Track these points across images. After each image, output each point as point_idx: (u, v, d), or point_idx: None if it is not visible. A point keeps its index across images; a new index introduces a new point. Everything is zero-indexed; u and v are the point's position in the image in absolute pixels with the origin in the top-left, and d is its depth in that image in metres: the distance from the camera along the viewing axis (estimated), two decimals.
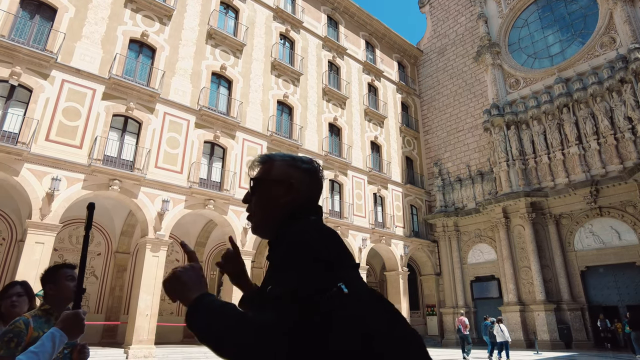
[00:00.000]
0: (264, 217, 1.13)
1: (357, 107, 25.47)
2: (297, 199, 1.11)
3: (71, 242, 17.33)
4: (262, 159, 1.19)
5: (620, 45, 20.92)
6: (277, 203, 1.11)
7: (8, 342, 1.90)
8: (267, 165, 1.16)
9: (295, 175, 1.13)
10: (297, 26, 23.68)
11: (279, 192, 1.11)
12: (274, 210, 1.11)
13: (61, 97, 14.16)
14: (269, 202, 1.12)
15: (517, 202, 21.61)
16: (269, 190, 1.12)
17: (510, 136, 23.10)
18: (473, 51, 27.58)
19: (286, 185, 1.11)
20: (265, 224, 1.14)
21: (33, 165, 13.02)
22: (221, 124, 18.14)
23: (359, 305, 0.90)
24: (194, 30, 18.77)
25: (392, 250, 23.56)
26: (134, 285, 15.47)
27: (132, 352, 13.67)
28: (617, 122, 19.65)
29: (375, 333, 0.87)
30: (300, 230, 0.99)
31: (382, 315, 0.93)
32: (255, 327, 0.84)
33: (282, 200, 1.11)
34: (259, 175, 1.16)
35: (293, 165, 1.15)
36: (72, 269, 2.30)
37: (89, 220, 1.68)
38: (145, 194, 15.22)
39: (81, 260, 1.70)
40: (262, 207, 1.13)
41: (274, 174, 1.14)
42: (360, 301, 0.91)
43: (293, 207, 1.11)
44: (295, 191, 1.11)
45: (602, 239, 19.77)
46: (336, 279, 0.91)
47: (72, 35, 14.99)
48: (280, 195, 1.11)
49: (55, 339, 1.59)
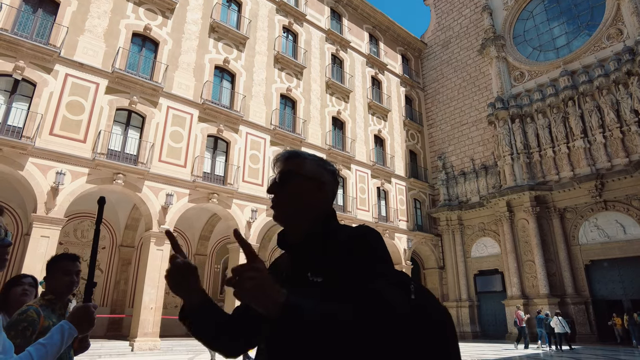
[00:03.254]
0: (293, 211, 1.16)
1: (360, 101, 25.36)
2: (327, 199, 1.18)
3: (76, 235, 17.44)
4: (293, 154, 1.21)
5: (627, 37, 20.65)
6: (309, 200, 1.15)
7: (23, 330, 1.89)
8: (299, 160, 1.19)
9: (325, 175, 1.18)
10: (300, 19, 23.54)
11: (311, 189, 1.16)
12: (307, 207, 1.15)
13: (65, 91, 14.18)
14: (300, 197, 1.15)
15: (521, 196, 21.52)
16: (300, 185, 1.15)
17: (515, 129, 22.95)
18: (477, 44, 27.33)
19: (318, 183, 1.16)
20: (294, 218, 1.16)
21: (37, 159, 13.08)
22: (224, 118, 18.12)
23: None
24: (196, 24, 18.69)
25: (396, 244, 23.57)
26: (139, 279, 15.59)
27: (137, 344, 13.81)
28: (623, 115, 19.46)
29: (435, 309, 1.05)
30: (367, 227, 1.11)
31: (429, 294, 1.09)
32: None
33: (314, 197, 1.16)
34: (292, 168, 1.18)
35: (322, 166, 1.20)
36: (73, 261, 2.23)
37: (100, 215, 1.67)
38: (149, 187, 15.27)
39: (92, 255, 1.68)
40: (293, 200, 1.15)
41: (307, 170, 1.17)
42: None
43: (327, 206, 1.18)
44: (324, 191, 1.17)
45: (607, 232, 19.67)
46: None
47: (74, 29, 14.96)
48: (313, 192, 1.16)
49: (65, 332, 1.58)
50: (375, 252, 1.06)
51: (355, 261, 1.03)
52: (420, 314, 1.00)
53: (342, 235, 1.10)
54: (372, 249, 1.06)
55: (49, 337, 1.54)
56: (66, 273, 2.19)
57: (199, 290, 1.18)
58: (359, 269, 1.02)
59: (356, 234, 1.09)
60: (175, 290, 1.16)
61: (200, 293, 1.18)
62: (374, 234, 1.09)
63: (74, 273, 2.21)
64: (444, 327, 1.03)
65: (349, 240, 1.07)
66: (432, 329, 1.01)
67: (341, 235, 1.10)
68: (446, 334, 1.02)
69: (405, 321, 0.95)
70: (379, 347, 0.94)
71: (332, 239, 1.10)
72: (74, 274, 2.22)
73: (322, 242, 1.11)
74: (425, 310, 1.02)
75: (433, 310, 1.04)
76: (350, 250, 1.05)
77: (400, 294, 0.98)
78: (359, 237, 1.07)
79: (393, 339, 0.94)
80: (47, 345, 1.48)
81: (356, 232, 1.10)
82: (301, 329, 0.88)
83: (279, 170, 1.19)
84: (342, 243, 1.08)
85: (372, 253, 1.05)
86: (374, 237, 1.09)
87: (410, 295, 1.01)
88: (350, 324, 0.89)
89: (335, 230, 1.14)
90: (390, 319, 0.92)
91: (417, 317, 0.99)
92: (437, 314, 1.04)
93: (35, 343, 1.50)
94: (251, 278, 0.86)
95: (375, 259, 1.05)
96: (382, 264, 1.04)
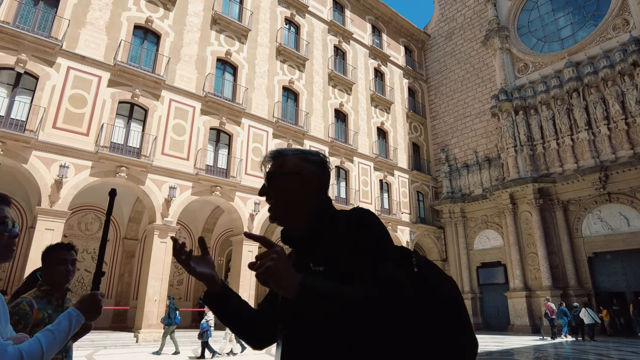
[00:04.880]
0: (283, 209, 1.22)
1: (363, 93, 25.24)
2: (315, 190, 1.23)
3: (80, 228, 17.54)
4: (272, 155, 1.26)
5: (633, 27, 20.41)
6: (295, 196, 1.20)
7: (15, 324, 1.86)
8: (279, 160, 1.24)
9: (305, 167, 1.22)
10: (302, 10, 23.35)
11: (294, 184, 1.20)
12: (295, 203, 1.21)
13: (67, 84, 14.16)
14: (286, 194, 1.21)
15: (524, 188, 21.46)
16: (284, 182, 1.21)
17: (519, 121, 22.82)
18: (481, 35, 27.08)
19: (299, 177, 1.21)
20: (287, 215, 1.23)
21: (41, 152, 13.11)
22: (227, 111, 18.08)
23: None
24: (198, 16, 18.58)
25: (398, 237, 23.59)
26: (143, 271, 15.69)
27: (141, 336, 13.95)
28: (628, 106, 19.30)
29: (445, 286, 1.15)
30: (362, 210, 1.15)
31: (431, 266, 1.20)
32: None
33: (299, 192, 1.20)
34: (273, 169, 1.24)
35: (303, 158, 1.24)
36: (68, 250, 2.20)
37: (111, 206, 1.72)
38: (152, 180, 15.31)
39: (101, 245, 1.72)
40: (282, 199, 1.21)
41: (286, 167, 1.22)
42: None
43: (318, 197, 1.23)
44: (307, 184, 1.21)
45: (610, 225, 19.62)
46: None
47: (76, 21, 14.90)
48: (296, 186, 1.20)
49: (72, 318, 1.58)
50: (375, 235, 1.10)
51: (356, 245, 1.08)
52: (433, 294, 1.10)
53: (339, 220, 1.15)
54: (370, 232, 1.10)
55: (56, 323, 1.54)
56: (61, 262, 2.15)
57: (217, 280, 1.32)
58: (361, 253, 1.07)
59: (353, 217, 1.13)
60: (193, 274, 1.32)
61: (219, 283, 1.33)
62: (370, 216, 1.14)
63: (69, 262, 2.18)
64: (457, 301, 1.14)
65: (347, 225, 1.12)
66: (446, 305, 1.11)
67: (339, 221, 1.15)
68: (460, 306, 1.13)
69: (415, 302, 1.03)
70: (390, 328, 1.03)
71: (329, 227, 1.15)
72: (69, 262, 2.18)
73: (319, 232, 1.16)
74: (436, 289, 1.12)
75: (443, 288, 1.14)
76: (349, 235, 1.10)
77: (405, 277, 1.06)
78: (356, 221, 1.12)
79: (407, 318, 1.03)
80: (55, 332, 1.49)
81: (352, 215, 1.14)
82: (318, 306, 0.97)
83: (265, 173, 1.26)
84: (340, 229, 1.13)
85: (371, 236, 1.10)
86: (370, 218, 1.13)
87: (413, 269, 1.12)
88: (365, 303, 0.97)
89: (332, 216, 1.18)
90: (402, 303, 1.00)
91: (430, 296, 1.09)
92: (448, 290, 1.14)
93: (44, 329, 1.50)
94: (272, 259, 0.96)
95: (376, 240, 1.09)
96: (382, 245, 1.09)
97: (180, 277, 20.28)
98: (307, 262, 1.13)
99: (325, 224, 1.17)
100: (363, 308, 0.97)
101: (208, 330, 11.22)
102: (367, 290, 0.99)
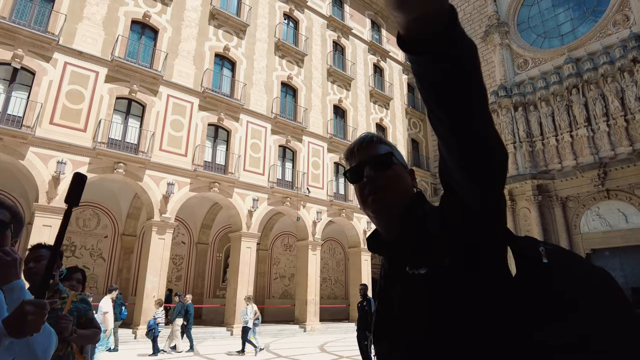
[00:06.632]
0: (399, 198, 1.06)
1: (362, 89, 25.15)
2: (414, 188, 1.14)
3: (78, 225, 17.49)
4: (380, 138, 1.15)
5: (634, 23, 20.32)
6: (409, 187, 1.10)
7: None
8: (387, 147, 1.13)
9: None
10: (301, 5, 23.20)
11: (408, 176, 1.12)
12: (406, 193, 1.07)
13: (64, 79, 14.06)
14: (403, 182, 1.09)
15: (523, 184, 21.44)
16: (402, 171, 1.10)
17: (518, 118, 22.77)
18: (481, 31, 26.95)
19: (410, 172, 1.13)
20: (399, 204, 1.05)
21: (38, 148, 13.05)
22: (225, 107, 18.00)
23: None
24: (196, 11, 18.44)
25: None
26: (141, 267, 15.66)
27: (140, 332, 13.96)
28: (627, 103, 19.25)
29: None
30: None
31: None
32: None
33: (411, 184, 1.11)
34: (390, 151, 1.11)
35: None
36: (33, 250, 2.16)
37: (75, 192, 1.35)
38: (150, 176, 15.25)
39: (56, 239, 1.34)
40: (398, 186, 1.07)
41: (400, 158, 1.13)
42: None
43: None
44: (415, 179, 1.14)
45: (608, 221, 19.64)
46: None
47: (73, 16, 14.77)
48: (410, 179, 1.12)
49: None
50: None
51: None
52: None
53: (435, 216, 1.00)
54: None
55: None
56: (25, 263, 2.12)
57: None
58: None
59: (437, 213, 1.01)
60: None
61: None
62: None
63: (30, 261, 2.13)
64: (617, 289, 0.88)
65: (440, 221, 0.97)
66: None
67: (434, 216, 1.00)
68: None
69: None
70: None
71: (425, 225, 1.00)
72: (31, 260, 2.13)
73: (416, 231, 1.00)
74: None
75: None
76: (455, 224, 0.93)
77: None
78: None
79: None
80: None
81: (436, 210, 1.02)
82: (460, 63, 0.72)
83: (371, 153, 1.09)
84: (431, 228, 0.98)
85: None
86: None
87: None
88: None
89: (426, 214, 1.03)
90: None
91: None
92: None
93: None
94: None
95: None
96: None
97: (178, 273, 20.29)
98: (402, 266, 0.99)
99: (421, 220, 1.01)
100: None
101: (154, 329, 11.55)
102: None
